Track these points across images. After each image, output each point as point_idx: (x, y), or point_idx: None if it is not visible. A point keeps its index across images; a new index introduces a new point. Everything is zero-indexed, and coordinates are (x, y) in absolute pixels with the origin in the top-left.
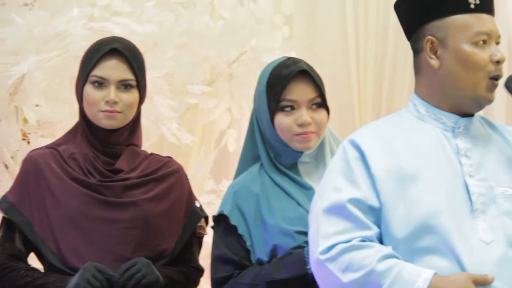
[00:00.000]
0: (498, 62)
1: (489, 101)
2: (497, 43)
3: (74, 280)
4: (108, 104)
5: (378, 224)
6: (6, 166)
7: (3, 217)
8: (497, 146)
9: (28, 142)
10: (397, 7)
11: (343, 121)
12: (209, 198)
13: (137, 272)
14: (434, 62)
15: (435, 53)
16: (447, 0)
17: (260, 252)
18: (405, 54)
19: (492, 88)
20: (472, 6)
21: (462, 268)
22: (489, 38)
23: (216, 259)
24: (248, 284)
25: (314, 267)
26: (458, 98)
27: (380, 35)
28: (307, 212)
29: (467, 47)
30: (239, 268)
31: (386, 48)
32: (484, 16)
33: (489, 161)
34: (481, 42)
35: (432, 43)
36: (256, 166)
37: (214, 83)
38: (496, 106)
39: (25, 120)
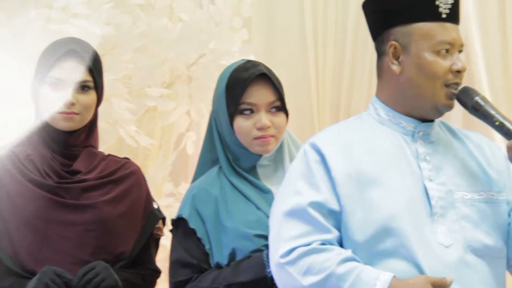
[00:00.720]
0: (459, 72)
1: (449, 108)
2: (460, 51)
3: (31, 284)
4: (66, 106)
5: (339, 227)
6: None
7: None
8: (456, 151)
9: None
10: (365, 7)
11: (302, 124)
12: (168, 201)
13: (95, 276)
14: (395, 67)
15: (397, 59)
16: (414, 7)
17: (219, 255)
18: (363, 57)
19: (451, 95)
20: (444, 15)
21: (421, 271)
22: (452, 48)
23: (175, 263)
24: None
25: (274, 270)
26: (417, 104)
27: (338, 37)
28: (266, 215)
29: (428, 56)
30: (198, 271)
31: (344, 51)
32: (449, 25)
33: (448, 165)
34: (444, 51)
35: (395, 48)
36: (215, 169)
37: (172, 85)
38: (453, 111)
39: None
